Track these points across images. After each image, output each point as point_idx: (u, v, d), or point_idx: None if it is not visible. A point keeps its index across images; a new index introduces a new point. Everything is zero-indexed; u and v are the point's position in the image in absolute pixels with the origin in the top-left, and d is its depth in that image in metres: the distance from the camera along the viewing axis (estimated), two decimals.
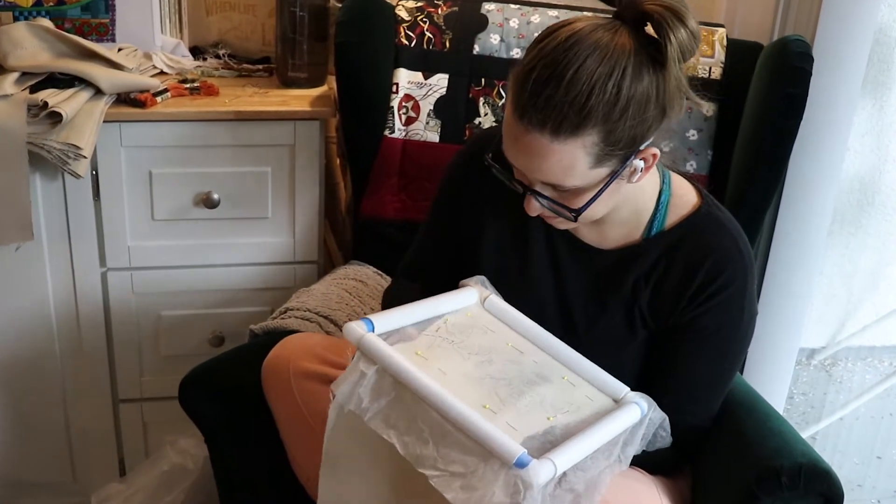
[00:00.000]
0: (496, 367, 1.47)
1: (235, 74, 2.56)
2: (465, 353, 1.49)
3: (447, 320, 1.55)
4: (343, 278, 2.25)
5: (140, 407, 2.53)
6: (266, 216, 2.38)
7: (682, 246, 1.64)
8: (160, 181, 2.30)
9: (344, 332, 1.45)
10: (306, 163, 2.34)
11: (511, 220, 1.72)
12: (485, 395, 1.40)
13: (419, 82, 2.27)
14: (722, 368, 1.70)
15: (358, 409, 1.39)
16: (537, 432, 1.36)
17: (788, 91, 2.03)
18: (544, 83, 1.40)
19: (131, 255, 2.35)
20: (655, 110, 1.46)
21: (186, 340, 2.47)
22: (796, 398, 3.27)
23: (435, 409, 1.34)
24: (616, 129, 1.42)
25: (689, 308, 1.63)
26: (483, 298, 1.62)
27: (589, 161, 1.44)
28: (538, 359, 1.53)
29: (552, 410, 1.41)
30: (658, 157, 1.52)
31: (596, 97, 1.39)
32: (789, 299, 2.44)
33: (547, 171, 1.46)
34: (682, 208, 1.67)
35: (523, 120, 1.43)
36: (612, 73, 1.40)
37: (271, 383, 1.78)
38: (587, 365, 1.53)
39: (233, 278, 2.43)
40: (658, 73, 1.44)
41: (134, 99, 2.23)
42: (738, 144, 2.14)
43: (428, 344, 1.49)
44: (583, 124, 1.41)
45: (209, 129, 2.28)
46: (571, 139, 1.42)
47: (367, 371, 1.40)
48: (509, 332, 1.58)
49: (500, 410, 1.37)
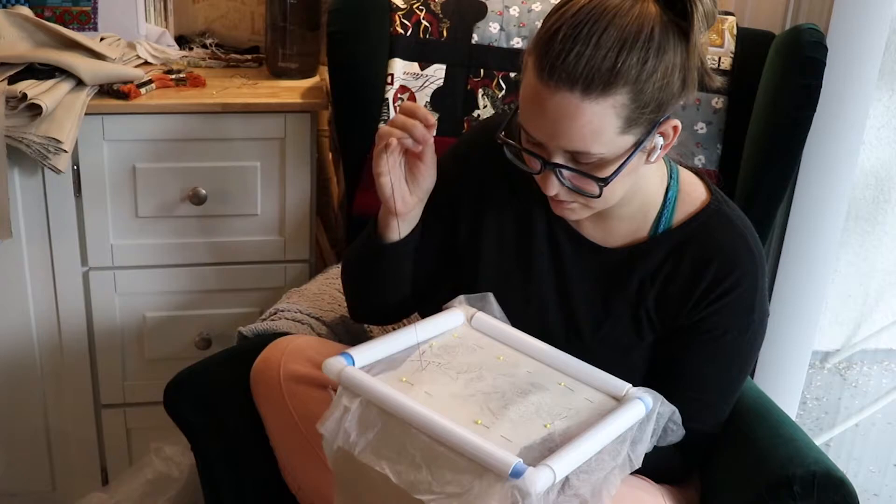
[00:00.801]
0: (486, 383, 1.47)
1: (223, 65, 2.57)
2: (452, 374, 1.49)
3: (432, 345, 1.56)
4: (335, 278, 2.25)
5: (123, 412, 2.53)
6: (255, 213, 2.39)
7: (690, 244, 1.64)
8: (144, 176, 2.30)
9: (323, 369, 1.46)
10: (297, 157, 2.34)
11: (513, 216, 1.72)
12: (475, 411, 1.40)
13: (415, 73, 2.27)
14: (732, 372, 1.70)
15: (346, 444, 1.40)
16: (535, 441, 1.35)
17: (801, 82, 2.03)
18: (573, 41, 1.41)
19: (114, 254, 2.35)
20: (679, 79, 1.47)
21: (172, 343, 2.47)
22: (809, 403, 3.27)
23: (423, 432, 1.34)
24: (645, 90, 1.43)
25: (698, 309, 1.63)
26: (469, 317, 1.62)
27: (618, 125, 1.44)
28: (532, 368, 1.53)
29: (549, 417, 1.41)
30: (679, 130, 1.53)
31: (627, 56, 1.41)
32: (802, 300, 2.44)
33: (575, 135, 1.45)
34: (691, 205, 1.67)
35: (552, 78, 1.42)
36: (639, 35, 1.42)
37: (261, 388, 1.78)
38: (584, 367, 1.53)
39: (220, 278, 2.43)
40: (682, 41, 1.45)
41: (117, 90, 2.23)
42: (749, 138, 2.14)
43: (412, 369, 1.49)
44: (614, 82, 1.41)
45: (196, 122, 2.28)
46: (602, 98, 1.42)
47: (350, 405, 1.41)
48: (500, 347, 1.58)
49: (492, 424, 1.37)
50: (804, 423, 3.08)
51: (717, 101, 2.19)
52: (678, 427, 1.50)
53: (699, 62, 1.50)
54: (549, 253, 1.72)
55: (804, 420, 3.15)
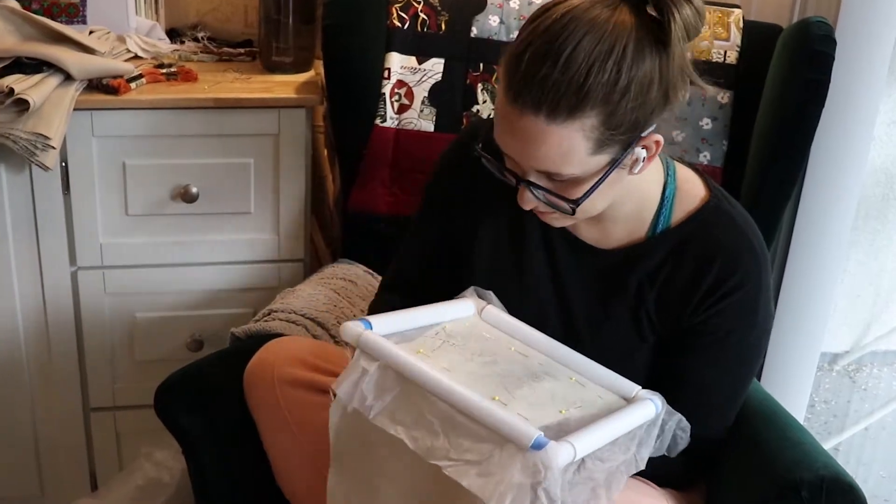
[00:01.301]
0: (501, 367, 1.49)
1: (215, 59, 2.56)
2: (468, 354, 1.50)
3: (445, 327, 1.57)
4: (331, 278, 2.25)
5: (113, 416, 2.53)
6: (248, 211, 2.39)
7: (690, 244, 1.64)
8: (134, 173, 2.30)
9: (341, 331, 1.46)
10: (291, 154, 2.34)
11: (506, 220, 1.72)
12: (493, 388, 1.42)
13: (413, 67, 2.27)
14: (737, 375, 1.70)
15: (361, 406, 1.41)
16: (551, 423, 1.37)
17: (809, 77, 2.03)
18: (539, 62, 1.40)
19: (103, 253, 2.35)
20: (658, 94, 1.45)
21: (163, 344, 2.47)
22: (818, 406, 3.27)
23: (444, 400, 1.36)
24: (617, 111, 1.42)
25: (700, 311, 1.63)
26: (480, 309, 1.63)
27: (588, 147, 1.44)
28: (544, 361, 1.54)
29: (564, 404, 1.42)
30: (661, 144, 1.52)
31: (595, 76, 1.39)
32: (810, 300, 2.44)
33: (543, 157, 1.46)
34: (690, 202, 1.67)
35: (517, 102, 1.42)
36: (611, 52, 1.40)
37: (254, 391, 1.78)
38: (594, 367, 1.54)
39: (213, 278, 2.44)
40: (661, 54, 1.43)
41: (106, 85, 2.23)
42: (756, 134, 2.14)
43: (429, 345, 1.50)
44: (581, 105, 1.40)
45: (187, 118, 2.28)
46: (569, 121, 1.41)
47: (368, 368, 1.42)
48: (510, 339, 1.59)
49: (510, 402, 1.39)
50: (812, 427, 3.08)
51: (722, 96, 2.19)
52: (686, 435, 1.51)
53: (688, 73, 1.49)
54: (545, 257, 1.72)
55: (812, 424, 3.15)
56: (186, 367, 1.94)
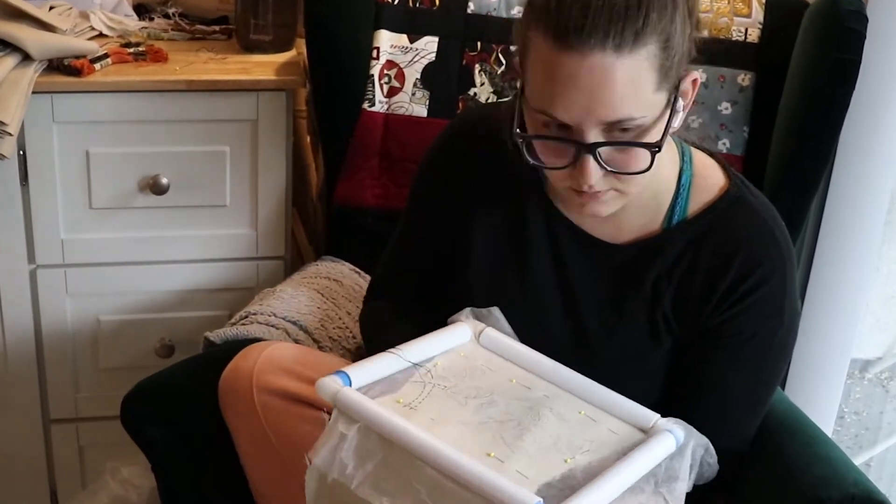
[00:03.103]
0: (499, 409, 1.47)
1: (187, 37, 2.56)
2: (460, 399, 1.48)
3: (437, 364, 1.55)
4: (314, 277, 2.25)
5: (75, 428, 2.53)
6: (224, 204, 2.39)
7: (708, 237, 1.64)
8: (99, 163, 2.30)
9: (317, 389, 1.46)
10: (271, 141, 2.35)
11: (504, 218, 1.72)
12: (488, 441, 1.40)
13: (404, 46, 2.27)
14: (759, 382, 1.70)
15: (342, 476, 1.39)
16: (554, 478, 1.35)
17: (838, 56, 2.04)
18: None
19: (65, 250, 2.35)
20: (689, 23, 1.48)
21: (130, 350, 2.47)
22: (847, 418, 3.27)
23: (430, 465, 1.34)
24: (673, 35, 1.44)
25: (720, 310, 1.63)
26: (478, 333, 1.62)
27: (654, 79, 1.44)
28: (549, 393, 1.53)
29: (569, 451, 1.41)
30: (699, 83, 1.54)
31: (648, 2, 1.41)
32: (840, 302, 2.44)
33: (616, 99, 1.43)
34: (707, 191, 1.67)
35: (578, 42, 1.41)
36: None
37: (231, 401, 1.78)
38: (607, 394, 1.52)
39: (184, 277, 2.44)
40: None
41: (68, 66, 2.23)
42: (780, 119, 2.14)
43: (416, 393, 1.49)
44: (644, 29, 1.41)
45: (156, 102, 2.28)
46: (636, 50, 1.41)
47: (347, 432, 1.41)
48: (512, 368, 1.57)
49: (507, 458, 1.37)
50: (841, 441, 3.08)
51: (743, 77, 2.19)
52: (714, 461, 1.49)
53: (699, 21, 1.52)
54: (549, 254, 1.71)
55: (841, 437, 3.15)
56: (156, 374, 1.94)
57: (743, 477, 1.73)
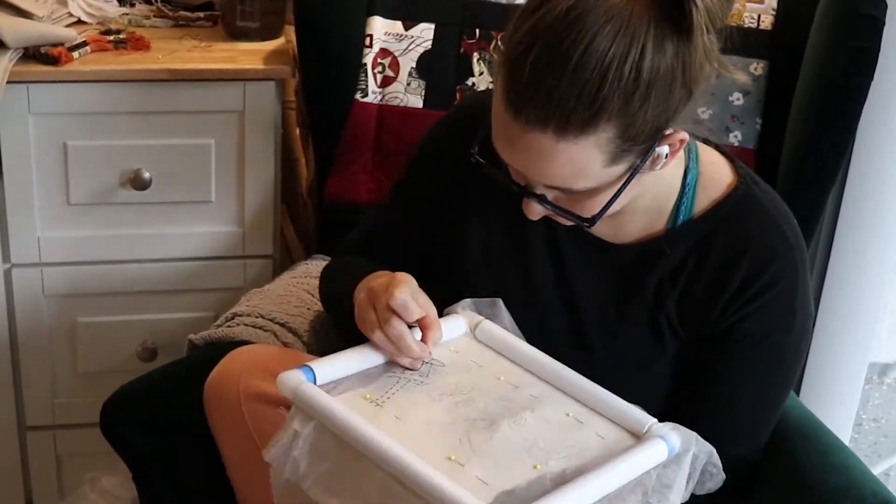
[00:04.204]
0: (475, 408, 1.47)
1: (171, 24, 2.56)
2: (435, 395, 1.48)
3: None
4: (304, 276, 2.25)
5: (52, 436, 2.53)
6: (209, 200, 2.39)
7: (715, 236, 1.64)
8: (77, 156, 2.30)
9: (278, 384, 1.46)
10: (258, 134, 2.35)
11: (504, 211, 1.72)
12: (452, 443, 1.39)
13: (398, 34, 2.27)
14: (771, 388, 1.70)
15: (295, 475, 1.40)
16: (518, 486, 1.33)
17: (856, 44, 2.04)
18: (543, 71, 1.37)
19: (42, 248, 2.35)
20: (681, 91, 1.42)
21: (110, 354, 2.47)
22: (865, 425, 3.27)
23: (381, 467, 1.34)
24: (636, 120, 1.40)
25: (728, 313, 1.63)
26: (474, 326, 1.63)
27: (604, 160, 1.43)
28: (537, 392, 1.52)
29: (543, 456, 1.39)
30: (686, 141, 1.50)
31: (610, 85, 1.36)
32: (857, 303, 2.45)
33: (552, 175, 1.45)
34: (715, 189, 1.67)
35: (520, 117, 1.40)
36: (628, 53, 1.36)
37: (216, 407, 1.78)
38: (603, 395, 1.51)
39: (167, 277, 2.44)
40: (683, 44, 1.39)
41: (45, 54, 2.23)
42: (794, 110, 2.14)
43: (387, 387, 1.49)
44: (595, 119, 1.38)
45: (138, 92, 2.28)
46: (582, 137, 1.39)
47: (301, 430, 1.41)
48: (504, 364, 1.58)
49: (468, 462, 1.36)
50: (859, 449, 3.08)
51: (755, 66, 2.19)
52: (718, 470, 1.49)
53: (713, 58, 1.46)
54: (549, 253, 1.71)
55: (859, 445, 3.16)
56: (137, 379, 1.94)
57: (756, 486, 1.73)
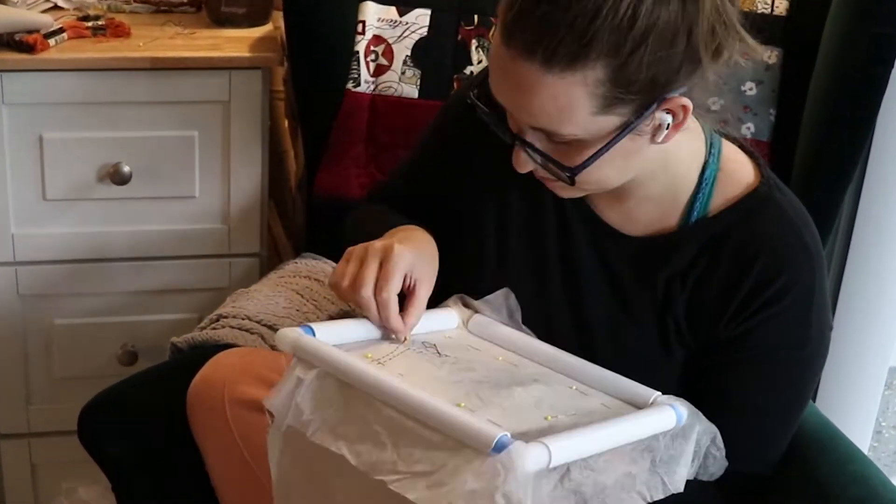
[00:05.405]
0: (477, 373, 1.49)
1: (152, 10, 2.56)
2: (437, 362, 1.51)
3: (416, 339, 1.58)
4: (293, 276, 2.25)
5: (27, 444, 2.53)
6: (192, 195, 2.39)
7: (729, 237, 1.63)
8: (54, 149, 2.30)
9: (276, 340, 1.48)
10: (245, 125, 2.35)
11: (518, 194, 1.72)
12: (460, 395, 1.41)
13: (392, 20, 2.27)
14: (787, 398, 1.69)
15: (298, 422, 1.41)
16: (530, 429, 1.35)
17: (876, 31, 2.03)
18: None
19: (16, 246, 2.35)
20: (685, 47, 1.43)
21: (88, 357, 2.47)
22: (885, 433, 3.28)
23: (391, 405, 1.35)
24: (629, 64, 1.40)
25: (739, 320, 1.62)
26: (466, 319, 1.64)
27: (592, 105, 1.43)
28: (537, 372, 1.54)
29: (552, 411, 1.41)
30: (689, 110, 1.50)
31: (603, 19, 1.37)
32: (875, 305, 2.45)
33: (538, 111, 1.45)
34: (734, 187, 1.66)
35: (510, 44, 1.42)
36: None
37: (200, 414, 1.78)
38: (606, 374, 1.53)
39: (149, 276, 2.44)
40: (690, 2, 1.41)
41: (20, 41, 2.23)
42: (810, 100, 2.14)
43: (388, 351, 1.51)
44: (583, 53, 1.38)
45: (118, 82, 2.28)
46: (569, 72, 1.40)
47: (304, 377, 1.43)
48: (500, 350, 1.59)
49: (478, 410, 1.38)
50: (879, 458, 3.08)
51: (769, 54, 2.18)
52: (720, 453, 1.50)
53: (730, 25, 1.47)
54: (557, 236, 1.71)
55: (879, 454, 3.16)
56: (117, 384, 1.94)
57: (771, 500, 1.73)
